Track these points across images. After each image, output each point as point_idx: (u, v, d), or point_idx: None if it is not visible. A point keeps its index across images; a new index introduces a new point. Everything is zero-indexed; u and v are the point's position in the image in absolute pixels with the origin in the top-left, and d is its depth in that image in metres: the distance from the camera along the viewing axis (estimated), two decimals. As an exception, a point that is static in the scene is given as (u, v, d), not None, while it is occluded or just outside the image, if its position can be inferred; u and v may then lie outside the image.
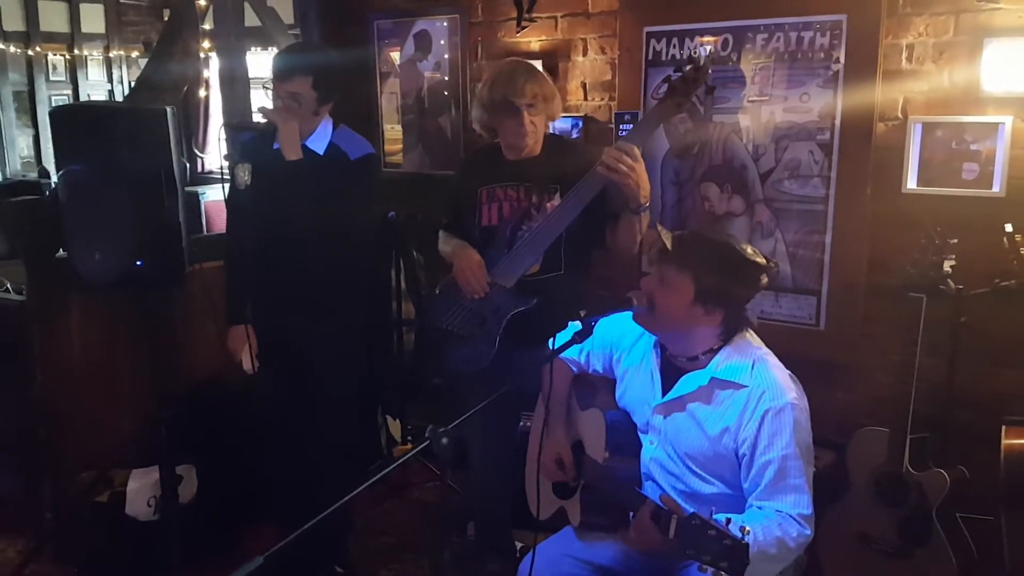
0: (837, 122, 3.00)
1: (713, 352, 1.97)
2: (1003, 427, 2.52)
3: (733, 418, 1.92)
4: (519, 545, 2.95)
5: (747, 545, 1.56)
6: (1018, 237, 2.56)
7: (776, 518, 1.81)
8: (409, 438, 3.90)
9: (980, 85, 2.75)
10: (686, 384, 1.99)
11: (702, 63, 2.42)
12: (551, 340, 2.01)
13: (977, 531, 2.51)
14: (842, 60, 2.96)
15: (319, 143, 2.73)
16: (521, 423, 2.90)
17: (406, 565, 3.18)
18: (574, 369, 2.30)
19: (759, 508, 1.85)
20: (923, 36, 2.86)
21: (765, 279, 1.98)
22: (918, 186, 2.89)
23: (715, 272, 1.92)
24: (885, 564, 2.55)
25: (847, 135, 3.00)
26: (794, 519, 1.82)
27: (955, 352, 2.69)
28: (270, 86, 2.69)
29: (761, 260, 1.98)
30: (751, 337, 2.02)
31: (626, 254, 2.59)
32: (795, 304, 3.17)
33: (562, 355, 2.21)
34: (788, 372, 1.97)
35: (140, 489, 3.12)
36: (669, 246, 1.96)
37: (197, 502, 3.19)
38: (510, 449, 2.76)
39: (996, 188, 2.75)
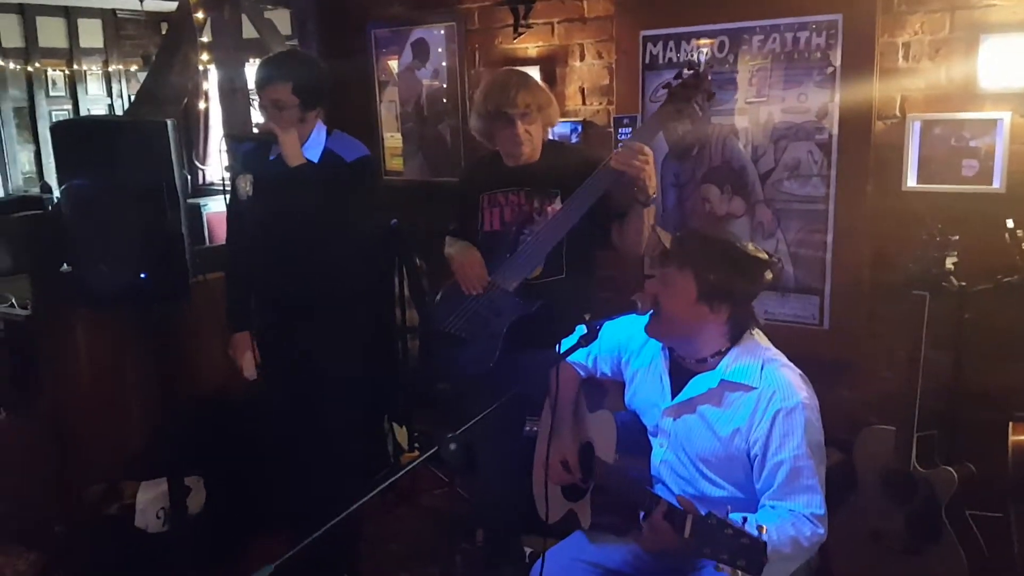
0: (835, 121, 3.01)
1: (722, 354, 1.97)
2: (1010, 423, 2.53)
3: (744, 419, 1.91)
4: (528, 551, 2.95)
5: (765, 543, 1.56)
6: (1019, 232, 2.57)
7: (790, 517, 1.81)
8: (416, 445, 3.90)
9: (977, 81, 2.76)
10: (696, 386, 1.99)
11: (702, 69, 2.43)
12: (557, 345, 2.00)
13: (986, 527, 2.51)
14: (839, 59, 2.97)
15: (313, 151, 2.72)
16: (527, 428, 2.89)
17: (416, 573, 3.17)
18: (581, 373, 2.30)
19: (772, 508, 1.85)
20: (919, 34, 2.87)
21: (769, 275, 1.96)
22: (918, 183, 2.90)
23: (715, 267, 1.91)
24: (895, 561, 2.55)
25: (846, 134, 3.01)
26: (808, 519, 1.82)
27: (960, 349, 2.69)
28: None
29: (763, 255, 1.97)
30: (759, 338, 2.01)
31: (634, 250, 2.58)
32: (798, 304, 3.17)
33: (569, 359, 2.21)
34: (799, 372, 1.96)
35: (149, 501, 3.13)
36: (668, 246, 1.97)
37: (206, 513, 3.19)
38: (515, 453, 2.75)
39: (996, 184, 2.76)
